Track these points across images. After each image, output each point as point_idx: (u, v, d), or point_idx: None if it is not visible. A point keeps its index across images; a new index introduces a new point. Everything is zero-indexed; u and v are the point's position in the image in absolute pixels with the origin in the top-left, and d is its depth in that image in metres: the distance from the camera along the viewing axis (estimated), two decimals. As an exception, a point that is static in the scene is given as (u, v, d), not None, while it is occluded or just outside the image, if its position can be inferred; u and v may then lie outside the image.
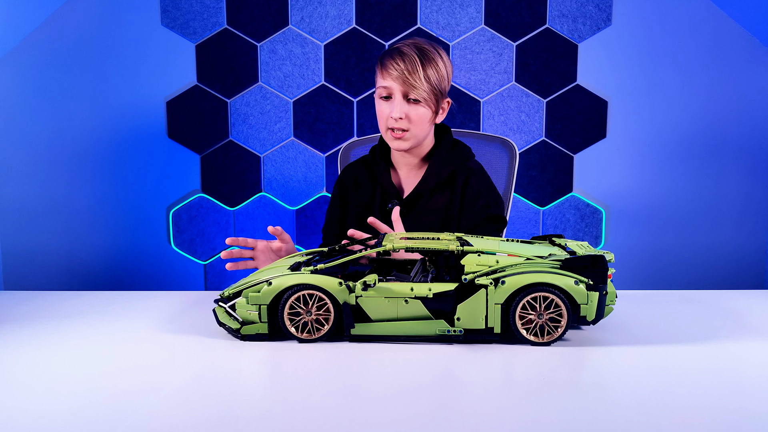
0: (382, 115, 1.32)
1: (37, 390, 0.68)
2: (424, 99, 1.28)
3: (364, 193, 1.43)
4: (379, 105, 1.33)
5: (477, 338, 0.86)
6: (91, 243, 2.30)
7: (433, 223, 1.36)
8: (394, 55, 1.28)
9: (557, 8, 2.21)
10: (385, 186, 1.39)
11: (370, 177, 1.44)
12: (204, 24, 2.21)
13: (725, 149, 2.26)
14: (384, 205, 1.40)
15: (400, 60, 1.27)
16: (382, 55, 1.33)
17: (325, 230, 1.49)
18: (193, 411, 0.62)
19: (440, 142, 1.40)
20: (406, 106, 1.28)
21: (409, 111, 1.29)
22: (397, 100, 1.28)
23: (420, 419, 0.60)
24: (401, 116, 1.28)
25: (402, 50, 1.28)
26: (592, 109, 2.24)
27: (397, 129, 1.30)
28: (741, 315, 1.03)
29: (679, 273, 2.31)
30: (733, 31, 2.20)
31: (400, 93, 1.28)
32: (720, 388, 0.68)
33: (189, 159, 2.28)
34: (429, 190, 1.36)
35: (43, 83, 2.22)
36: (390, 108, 1.29)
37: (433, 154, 1.39)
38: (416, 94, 1.27)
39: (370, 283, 0.84)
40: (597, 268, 0.84)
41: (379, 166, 1.41)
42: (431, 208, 1.37)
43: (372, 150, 1.46)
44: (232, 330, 0.88)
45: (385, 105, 1.31)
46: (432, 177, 1.36)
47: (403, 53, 1.27)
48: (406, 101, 1.28)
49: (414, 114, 1.29)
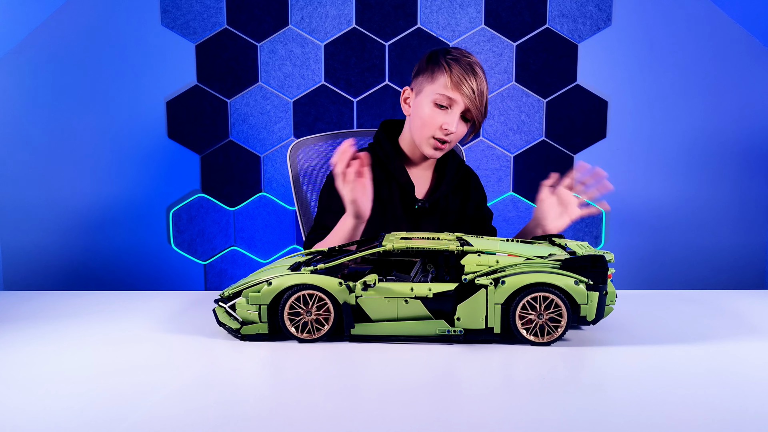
0: (434, 121, 1.27)
1: (37, 390, 0.68)
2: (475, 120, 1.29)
3: (380, 187, 1.34)
4: (431, 110, 1.28)
5: (477, 338, 0.86)
6: (91, 243, 2.30)
7: (452, 224, 1.39)
8: (468, 71, 1.26)
9: (557, 8, 2.21)
10: (403, 183, 1.35)
11: (383, 172, 1.36)
12: (204, 24, 2.21)
13: (725, 149, 2.26)
14: (403, 202, 1.37)
15: (474, 80, 1.25)
16: (447, 61, 1.27)
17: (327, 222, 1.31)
18: (193, 411, 0.62)
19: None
20: (460, 123, 1.29)
21: (460, 128, 1.29)
22: (456, 114, 1.27)
23: (420, 419, 0.60)
24: (454, 131, 1.27)
25: (475, 69, 1.27)
26: (592, 109, 2.24)
27: (444, 140, 1.29)
28: (741, 315, 1.03)
29: (679, 273, 2.31)
30: (733, 31, 2.20)
31: (461, 109, 1.27)
32: (720, 388, 0.68)
33: (189, 159, 2.28)
34: (448, 192, 1.39)
35: (43, 83, 2.22)
36: (445, 119, 1.27)
37: (444, 158, 1.41)
38: (475, 114, 1.27)
39: (370, 283, 0.84)
40: (597, 268, 0.84)
41: (394, 162, 1.36)
42: (450, 209, 1.40)
43: (378, 144, 1.39)
44: (232, 330, 0.88)
45: (438, 113, 1.27)
46: (451, 178, 1.38)
47: (477, 74, 1.26)
48: (461, 117, 1.28)
49: (461, 131, 1.30)
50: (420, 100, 1.30)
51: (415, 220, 1.36)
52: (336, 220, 1.24)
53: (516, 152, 2.27)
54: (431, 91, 1.28)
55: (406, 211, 1.36)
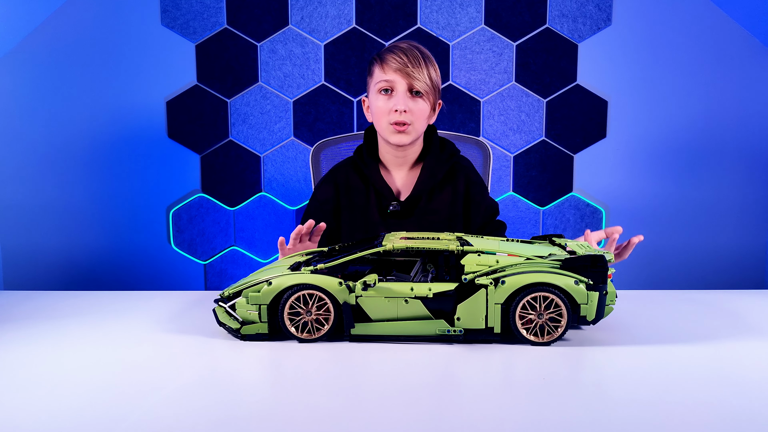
0: (382, 110, 1.30)
1: (37, 390, 0.68)
2: (426, 92, 1.29)
3: (357, 196, 1.38)
4: (377, 100, 1.31)
5: (477, 338, 0.85)
6: (91, 243, 2.30)
7: (437, 223, 1.35)
8: (395, 50, 1.29)
9: (557, 8, 2.21)
10: (379, 188, 1.35)
11: (361, 179, 1.39)
12: (204, 24, 2.21)
13: (725, 149, 2.26)
14: (380, 207, 1.36)
15: (402, 54, 1.28)
16: (379, 54, 1.33)
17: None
18: (193, 411, 0.62)
19: (430, 141, 1.40)
20: (409, 100, 1.28)
21: (412, 105, 1.28)
22: (401, 93, 1.28)
23: (420, 419, 0.60)
24: (405, 109, 1.27)
25: (401, 46, 1.30)
26: (592, 109, 2.24)
27: (400, 122, 1.28)
28: (741, 315, 1.03)
29: (679, 273, 2.31)
30: (733, 31, 2.20)
31: (404, 85, 1.28)
32: (720, 388, 0.68)
33: (189, 159, 2.28)
34: (427, 191, 1.36)
35: (43, 83, 2.22)
36: (392, 102, 1.28)
37: (426, 153, 1.39)
38: (420, 86, 1.27)
39: (370, 283, 0.84)
40: (597, 268, 0.84)
41: (370, 167, 1.37)
42: (433, 208, 1.36)
43: (358, 151, 1.41)
44: (232, 330, 0.88)
45: (384, 99, 1.30)
46: (429, 178, 1.35)
47: (404, 48, 1.29)
48: (409, 94, 1.29)
49: (416, 107, 1.29)
50: (370, 98, 1.35)
51: (391, 225, 1.35)
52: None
53: (516, 152, 2.27)
54: (373, 84, 1.32)
55: (382, 217, 1.36)
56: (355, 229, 1.36)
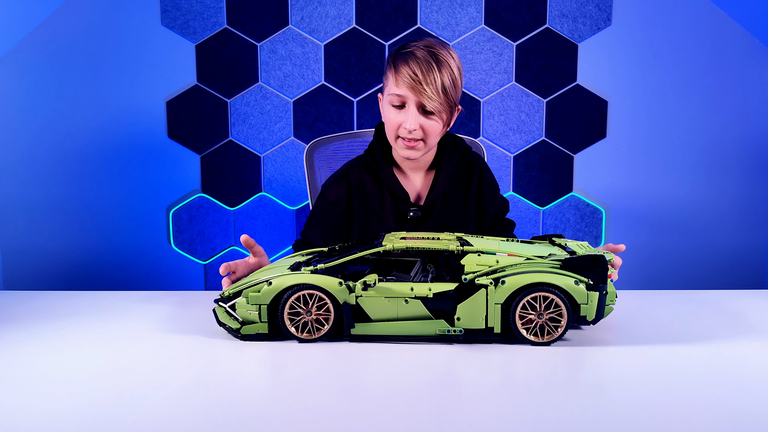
0: (393, 122, 1.24)
1: (37, 390, 0.68)
2: (438, 111, 1.21)
3: (371, 199, 1.33)
4: (389, 111, 1.25)
5: (477, 338, 0.86)
6: (91, 243, 2.30)
7: (450, 225, 1.32)
8: (410, 59, 1.20)
9: (557, 8, 2.21)
10: (396, 192, 1.31)
11: (375, 182, 1.34)
12: (204, 24, 2.21)
13: (725, 149, 2.26)
14: (396, 212, 1.32)
15: (416, 64, 1.19)
16: (394, 57, 1.24)
17: (311, 237, 1.34)
18: (193, 411, 0.62)
19: (444, 142, 1.36)
20: (421, 118, 1.22)
21: (424, 123, 1.22)
22: (412, 111, 1.21)
23: (420, 419, 0.60)
24: (416, 128, 1.22)
25: (416, 54, 1.20)
26: (592, 109, 2.24)
27: (410, 139, 1.24)
28: (741, 315, 1.03)
29: (679, 273, 2.31)
30: (733, 31, 2.20)
31: (414, 104, 1.21)
32: (720, 388, 0.68)
33: (189, 159, 2.28)
34: (443, 194, 1.33)
35: (43, 83, 2.22)
36: (403, 117, 1.22)
37: (440, 156, 1.35)
38: (431, 105, 1.20)
39: (370, 283, 0.84)
40: (597, 268, 0.84)
41: (385, 170, 1.32)
42: (449, 210, 1.33)
43: (370, 151, 1.36)
44: (232, 330, 0.88)
45: (395, 113, 1.23)
46: (446, 181, 1.32)
47: (418, 57, 1.19)
48: (421, 112, 1.22)
49: (428, 126, 1.23)
50: (383, 103, 1.29)
51: (406, 230, 1.30)
52: (321, 236, 1.32)
53: (516, 152, 2.27)
54: (386, 92, 1.26)
55: (398, 221, 1.32)
56: (369, 233, 1.32)
